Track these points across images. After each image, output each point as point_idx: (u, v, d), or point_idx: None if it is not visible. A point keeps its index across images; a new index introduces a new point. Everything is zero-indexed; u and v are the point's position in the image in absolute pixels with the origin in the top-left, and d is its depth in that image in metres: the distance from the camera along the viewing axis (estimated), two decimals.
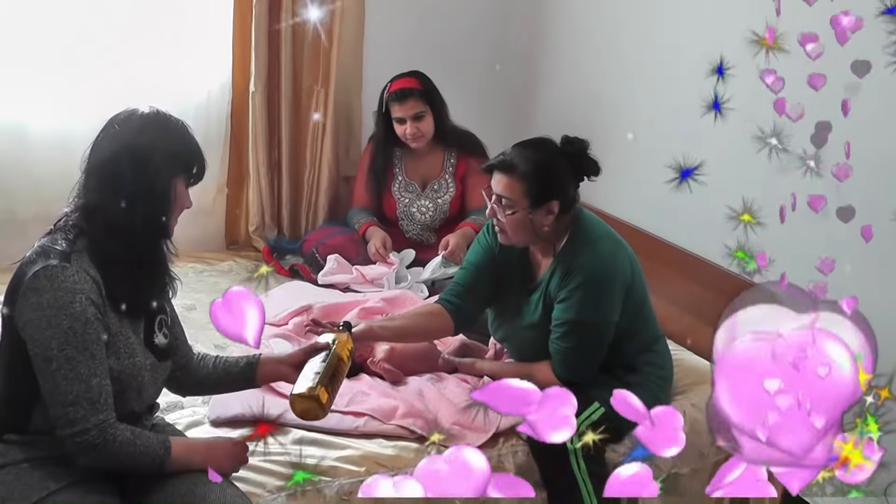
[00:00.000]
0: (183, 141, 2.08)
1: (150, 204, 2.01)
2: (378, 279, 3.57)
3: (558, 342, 2.61)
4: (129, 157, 1.98)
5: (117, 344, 2.00)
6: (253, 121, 3.91)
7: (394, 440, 2.54)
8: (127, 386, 2.03)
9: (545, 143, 2.61)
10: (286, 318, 3.16)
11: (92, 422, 1.90)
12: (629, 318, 2.64)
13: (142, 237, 2.02)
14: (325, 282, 3.57)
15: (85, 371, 1.90)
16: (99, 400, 1.91)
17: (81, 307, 1.90)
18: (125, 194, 1.97)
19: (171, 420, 2.43)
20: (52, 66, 3.49)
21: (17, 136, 3.49)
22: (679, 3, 3.43)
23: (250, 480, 2.28)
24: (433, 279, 3.62)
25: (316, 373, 2.12)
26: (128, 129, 2.02)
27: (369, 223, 3.78)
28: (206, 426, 2.51)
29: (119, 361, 2.00)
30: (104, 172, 2.00)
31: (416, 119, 3.67)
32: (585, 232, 2.63)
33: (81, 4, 3.52)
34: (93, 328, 1.91)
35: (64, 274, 1.91)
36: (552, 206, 2.55)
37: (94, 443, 1.91)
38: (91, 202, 2.01)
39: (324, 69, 3.98)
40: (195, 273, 3.72)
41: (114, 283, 1.99)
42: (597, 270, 2.57)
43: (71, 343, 1.89)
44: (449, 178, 3.84)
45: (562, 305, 2.59)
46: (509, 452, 2.58)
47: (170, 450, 2.00)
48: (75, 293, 1.90)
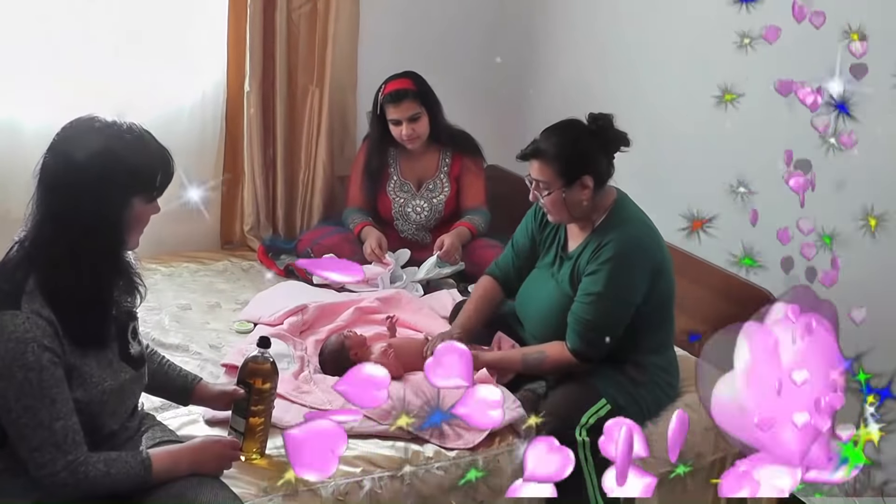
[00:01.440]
0: (141, 154, 1.94)
1: (103, 237, 1.93)
2: (373, 279, 3.56)
3: (580, 313, 2.66)
4: (78, 186, 1.88)
5: (82, 376, 1.95)
6: (248, 120, 3.90)
7: (389, 440, 2.53)
8: (99, 411, 2.00)
9: (571, 124, 2.72)
10: (281, 317, 3.15)
11: (60, 464, 1.87)
12: (652, 308, 2.69)
13: (96, 272, 1.94)
14: (320, 281, 3.56)
15: (46, 417, 1.86)
16: (65, 442, 1.87)
17: (35, 356, 1.84)
18: (76, 228, 1.89)
19: (166, 419, 2.42)
20: (47, 64, 3.48)
21: (12, 134, 3.49)
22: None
23: (244, 481, 2.27)
24: (428, 279, 3.61)
25: (240, 433, 2.31)
26: (78, 149, 1.89)
27: (364, 223, 3.77)
28: (200, 424, 2.50)
29: (86, 392, 1.95)
30: (53, 203, 1.90)
31: (411, 121, 3.67)
32: (622, 212, 2.73)
33: (76, 2, 3.50)
34: (49, 374, 1.86)
35: (14, 323, 1.84)
36: (585, 181, 2.65)
37: (66, 482, 1.88)
38: (40, 237, 1.92)
39: (318, 68, 3.97)
40: (190, 273, 3.71)
41: (71, 318, 1.92)
42: (626, 248, 2.64)
43: (27, 393, 1.84)
44: (444, 177, 3.84)
45: (589, 278, 2.66)
46: (505, 451, 2.57)
47: (150, 467, 1.98)
48: (27, 343, 1.83)
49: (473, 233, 3.73)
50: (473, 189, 3.85)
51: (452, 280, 3.64)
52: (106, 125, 1.94)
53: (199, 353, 2.99)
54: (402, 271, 3.65)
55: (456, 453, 2.52)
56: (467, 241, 3.70)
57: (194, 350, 3.01)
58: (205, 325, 3.24)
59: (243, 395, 2.30)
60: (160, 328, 3.15)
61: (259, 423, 2.32)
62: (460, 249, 3.65)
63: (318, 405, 2.63)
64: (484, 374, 2.68)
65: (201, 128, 3.83)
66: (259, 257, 3.88)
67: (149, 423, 2.25)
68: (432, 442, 2.54)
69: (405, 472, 2.43)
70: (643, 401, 2.70)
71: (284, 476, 2.22)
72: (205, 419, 2.51)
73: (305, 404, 2.63)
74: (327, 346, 2.92)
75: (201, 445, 2.12)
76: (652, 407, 2.74)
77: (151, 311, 3.18)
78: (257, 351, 2.33)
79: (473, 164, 3.86)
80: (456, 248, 3.61)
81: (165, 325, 3.19)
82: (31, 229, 1.94)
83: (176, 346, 3.03)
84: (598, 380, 2.66)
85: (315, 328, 3.16)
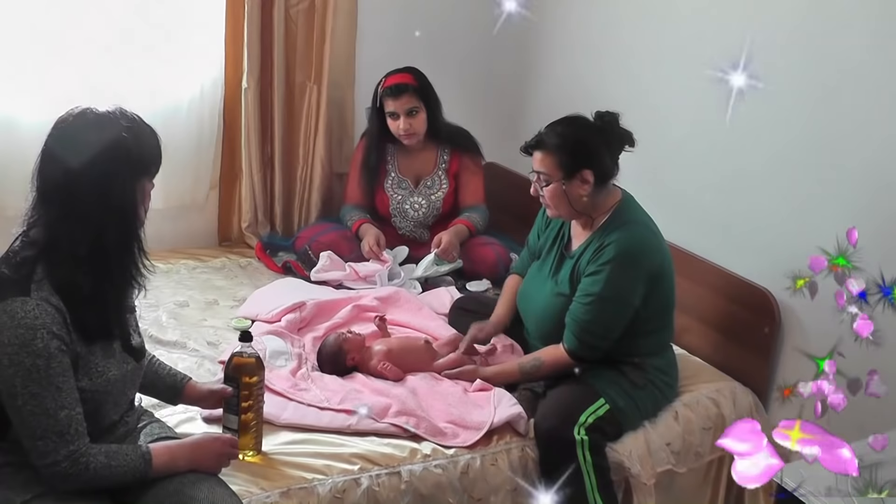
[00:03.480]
0: (140, 137, 1.97)
1: (121, 225, 1.94)
2: (371, 276, 3.56)
3: (578, 314, 2.66)
4: (88, 178, 1.89)
5: (88, 365, 1.96)
6: (245, 117, 3.89)
7: (387, 438, 2.53)
8: (102, 402, 2.01)
9: (575, 118, 2.72)
10: (279, 314, 3.14)
11: (62, 454, 1.88)
12: (652, 312, 2.68)
13: (113, 262, 1.95)
14: (318, 279, 3.56)
15: (51, 405, 1.86)
16: (68, 431, 1.88)
17: (43, 343, 1.85)
18: (92, 222, 1.90)
19: (164, 416, 2.42)
20: (44, 60, 3.47)
21: (9, 131, 3.48)
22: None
23: (241, 478, 2.27)
24: (426, 276, 3.61)
25: (234, 430, 2.31)
26: (81, 142, 1.90)
27: (362, 220, 3.77)
28: (198, 422, 2.50)
29: (91, 382, 1.97)
30: (61, 195, 1.90)
31: (409, 114, 3.66)
32: (626, 213, 2.72)
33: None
34: (57, 361, 1.87)
35: (24, 309, 1.85)
36: (585, 174, 2.65)
37: (68, 472, 1.89)
38: (51, 230, 1.91)
39: (316, 65, 3.97)
40: (188, 270, 3.71)
41: (79, 310, 1.92)
42: (628, 250, 2.63)
43: (34, 380, 1.85)
44: (442, 174, 3.83)
45: (589, 279, 2.65)
46: (503, 450, 2.57)
47: (150, 460, 1.98)
48: (36, 329, 1.84)
49: (472, 230, 3.73)
50: (471, 186, 3.84)
51: (450, 277, 3.64)
52: (101, 115, 1.96)
53: (196, 350, 2.99)
54: (400, 268, 3.65)
55: (454, 451, 2.52)
56: (465, 238, 3.70)
57: (192, 347, 3.01)
58: (202, 321, 3.24)
59: (231, 392, 2.30)
60: (158, 325, 3.14)
61: (252, 419, 2.33)
62: (458, 247, 3.64)
63: (316, 402, 2.63)
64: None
65: (199, 125, 3.82)
66: (257, 254, 3.88)
67: (147, 419, 2.26)
68: (430, 440, 2.54)
69: (403, 470, 2.43)
70: (641, 402, 2.70)
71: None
72: (202, 417, 2.50)
73: (303, 402, 2.63)
74: (325, 347, 2.91)
75: (200, 442, 2.13)
76: (650, 408, 2.74)
77: (149, 308, 3.18)
78: (240, 346, 2.33)
79: (472, 162, 3.85)
80: (454, 246, 3.61)
81: (163, 321, 3.18)
82: (40, 222, 1.93)
83: (173, 342, 3.02)
84: (597, 380, 2.66)
85: (313, 325, 3.15)
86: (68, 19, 3.49)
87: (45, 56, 3.47)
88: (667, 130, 3.34)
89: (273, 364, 2.79)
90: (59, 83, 3.47)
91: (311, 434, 2.51)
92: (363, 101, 3.92)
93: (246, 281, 3.65)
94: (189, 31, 3.74)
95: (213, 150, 3.92)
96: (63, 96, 3.42)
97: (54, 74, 3.49)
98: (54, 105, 3.43)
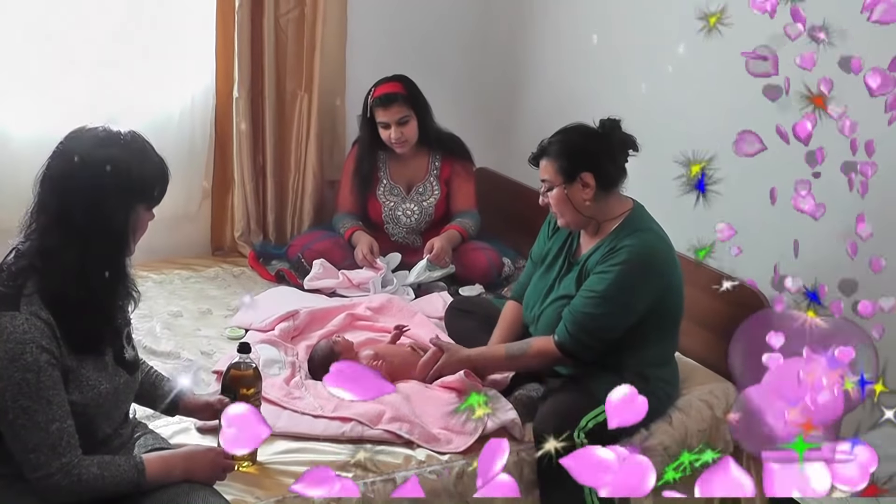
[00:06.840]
0: (145, 163, 1.99)
1: (107, 245, 1.96)
2: (364, 283, 3.56)
3: (576, 307, 2.64)
4: (83, 193, 1.91)
5: (79, 379, 1.97)
6: (237, 126, 3.90)
7: (381, 445, 2.53)
8: (95, 415, 2.01)
9: (576, 126, 2.75)
10: (272, 323, 3.15)
11: (55, 466, 1.88)
12: (659, 322, 2.68)
13: (99, 279, 1.96)
14: (312, 286, 3.57)
15: (42, 419, 1.87)
16: (60, 444, 1.89)
17: (33, 357, 1.86)
18: (80, 237, 1.91)
19: (157, 427, 2.42)
20: (36, 72, 3.48)
21: (0, 144, 3.48)
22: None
23: (236, 488, 2.27)
24: (419, 282, 3.62)
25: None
26: (85, 159, 1.92)
27: (355, 227, 3.77)
28: (192, 433, 2.50)
29: (83, 395, 1.97)
30: (57, 211, 1.93)
31: (400, 124, 3.67)
32: (639, 221, 2.71)
33: (65, 10, 3.49)
34: (46, 375, 1.87)
35: (13, 324, 1.86)
36: (586, 178, 2.65)
37: (61, 485, 1.89)
38: (43, 244, 1.94)
39: (307, 73, 3.98)
40: (181, 280, 3.71)
41: (69, 324, 1.94)
42: (641, 255, 2.61)
43: (25, 394, 1.86)
44: (434, 180, 3.84)
45: (596, 276, 2.64)
46: None
47: (144, 471, 1.99)
48: (25, 343, 1.85)
49: (464, 236, 3.74)
50: (463, 192, 3.85)
51: (443, 283, 3.65)
52: (110, 134, 1.98)
53: (190, 360, 2.98)
54: (393, 275, 3.66)
55: (448, 457, 2.52)
56: (457, 243, 3.71)
57: (186, 357, 3.01)
58: (196, 331, 3.24)
59: (228, 403, 2.29)
60: (152, 335, 3.14)
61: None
62: (450, 252, 3.65)
63: (310, 411, 2.63)
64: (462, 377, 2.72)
65: (190, 134, 3.83)
66: (250, 263, 3.88)
67: (141, 431, 2.26)
68: (424, 446, 2.54)
69: (397, 477, 2.43)
70: None
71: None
72: (196, 428, 2.50)
73: (297, 410, 2.63)
74: (317, 352, 2.92)
75: (194, 453, 2.12)
76: (650, 416, 2.73)
77: (143, 319, 3.18)
78: (238, 357, 2.33)
79: (463, 168, 3.86)
80: (446, 252, 3.62)
81: (157, 332, 3.18)
82: (34, 235, 1.95)
83: (167, 353, 3.02)
84: (598, 387, 2.64)
85: (306, 334, 3.16)
86: (60, 33, 3.50)
87: (37, 70, 3.48)
88: (661, 130, 3.34)
89: (267, 373, 2.78)
90: (51, 97, 3.48)
91: (306, 442, 2.52)
92: (354, 108, 3.93)
93: (239, 290, 3.65)
94: (179, 41, 3.75)
95: (204, 159, 3.93)
96: (55, 110, 3.44)
97: (46, 88, 3.49)
98: (47, 118, 3.49)
